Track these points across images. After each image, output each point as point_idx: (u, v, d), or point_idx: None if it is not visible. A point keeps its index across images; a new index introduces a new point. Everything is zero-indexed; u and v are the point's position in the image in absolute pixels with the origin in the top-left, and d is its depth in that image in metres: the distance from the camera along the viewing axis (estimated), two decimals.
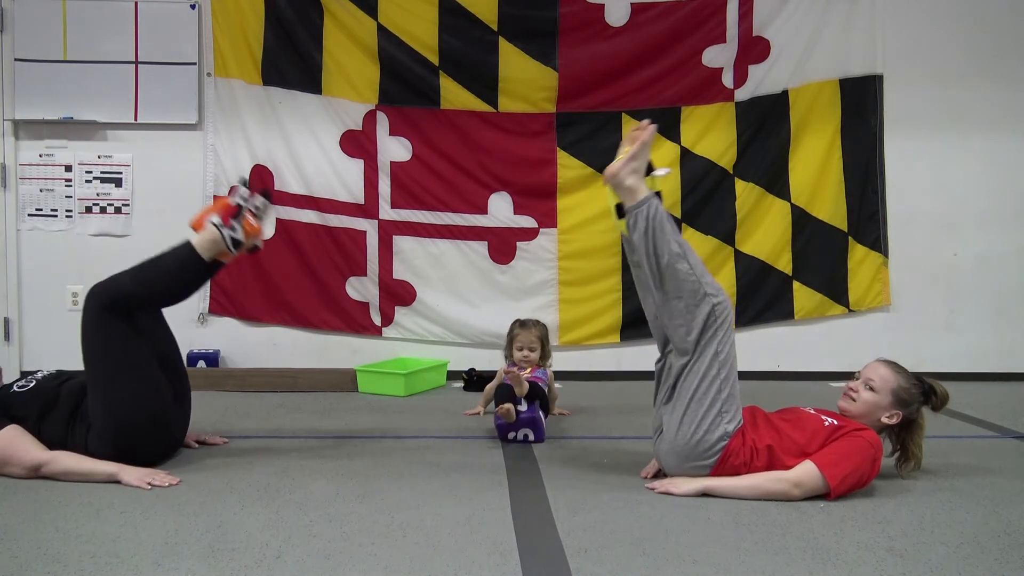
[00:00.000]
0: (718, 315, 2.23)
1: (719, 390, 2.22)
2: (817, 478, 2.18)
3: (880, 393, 2.35)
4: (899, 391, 2.35)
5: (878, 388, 2.36)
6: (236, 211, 2.49)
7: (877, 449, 2.25)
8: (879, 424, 2.35)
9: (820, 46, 4.18)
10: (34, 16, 3.98)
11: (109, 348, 2.41)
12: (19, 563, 1.77)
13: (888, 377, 2.37)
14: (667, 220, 2.27)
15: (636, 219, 2.28)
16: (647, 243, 2.25)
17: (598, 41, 4.12)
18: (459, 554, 1.83)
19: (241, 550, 1.85)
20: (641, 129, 2.35)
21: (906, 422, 2.38)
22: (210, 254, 2.47)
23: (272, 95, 4.10)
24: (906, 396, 2.35)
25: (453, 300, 4.21)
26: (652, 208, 2.26)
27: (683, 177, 4.19)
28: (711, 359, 2.22)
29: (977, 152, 4.27)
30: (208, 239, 2.47)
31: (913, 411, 2.37)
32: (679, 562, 1.80)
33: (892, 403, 2.35)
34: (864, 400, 2.37)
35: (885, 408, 2.35)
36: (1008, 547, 1.90)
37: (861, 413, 2.36)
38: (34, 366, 4.08)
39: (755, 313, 4.25)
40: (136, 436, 2.41)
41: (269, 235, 4.12)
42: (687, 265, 2.23)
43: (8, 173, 4.06)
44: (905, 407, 2.35)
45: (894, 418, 2.35)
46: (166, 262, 2.48)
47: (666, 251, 2.23)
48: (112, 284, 2.46)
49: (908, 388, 2.36)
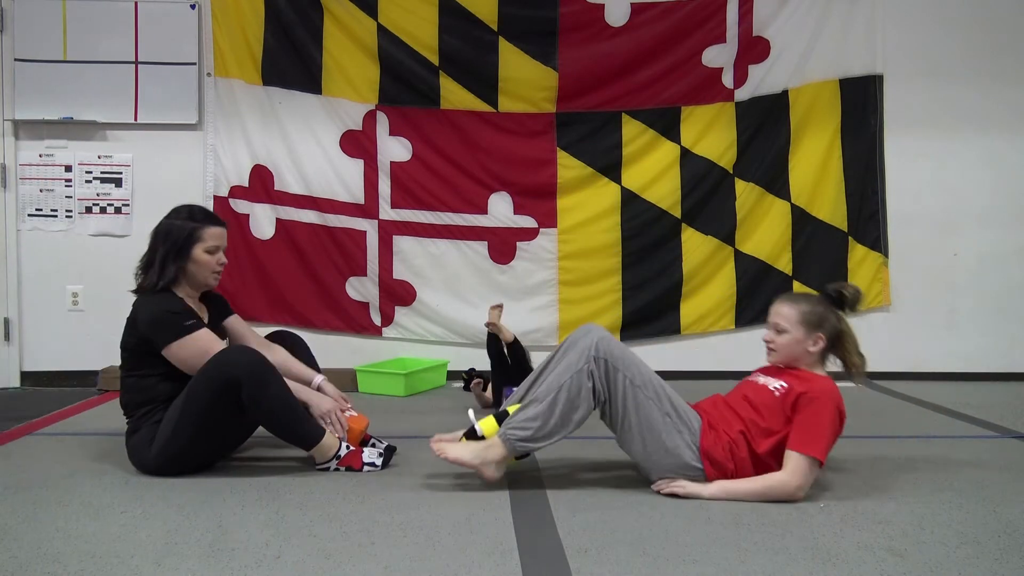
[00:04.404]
0: (599, 368, 2.22)
1: (659, 410, 2.23)
2: (808, 465, 2.17)
3: (791, 330, 2.32)
4: (806, 317, 2.31)
5: (787, 327, 2.32)
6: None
7: (835, 397, 2.23)
8: (811, 356, 2.32)
9: (820, 46, 4.18)
10: (34, 16, 3.98)
11: (207, 409, 2.37)
12: (19, 563, 1.77)
13: (790, 313, 2.33)
14: (538, 417, 2.22)
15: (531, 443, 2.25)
16: (560, 429, 2.24)
17: (598, 41, 4.12)
18: (459, 554, 1.83)
19: (241, 550, 1.85)
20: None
21: (833, 338, 2.34)
22: (319, 454, 2.49)
23: (272, 95, 4.10)
24: (815, 317, 2.31)
25: (453, 300, 4.20)
26: (520, 442, 2.24)
27: (683, 177, 4.19)
28: (626, 397, 2.23)
29: (977, 152, 4.27)
30: (327, 447, 2.49)
31: (832, 326, 2.33)
32: (679, 562, 1.80)
33: (807, 331, 2.31)
34: (781, 344, 2.34)
35: (804, 340, 2.31)
36: (1008, 547, 1.90)
37: (788, 357, 2.34)
38: (34, 366, 4.10)
39: (755, 313, 4.24)
40: (171, 469, 2.43)
41: (269, 236, 4.12)
42: (567, 393, 2.21)
43: (8, 173, 4.06)
44: (821, 326, 2.31)
45: (819, 342, 2.31)
46: (291, 417, 2.43)
47: (573, 418, 2.23)
48: (260, 380, 2.37)
49: (812, 309, 2.32)
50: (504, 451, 2.25)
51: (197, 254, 2.49)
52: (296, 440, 2.47)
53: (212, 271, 2.54)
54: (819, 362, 2.35)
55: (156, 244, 2.51)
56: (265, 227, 4.13)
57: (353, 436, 2.58)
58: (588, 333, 2.30)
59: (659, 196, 4.19)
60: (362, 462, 2.51)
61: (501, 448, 2.25)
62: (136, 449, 2.45)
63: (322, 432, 2.49)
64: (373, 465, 2.51)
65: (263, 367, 2.36)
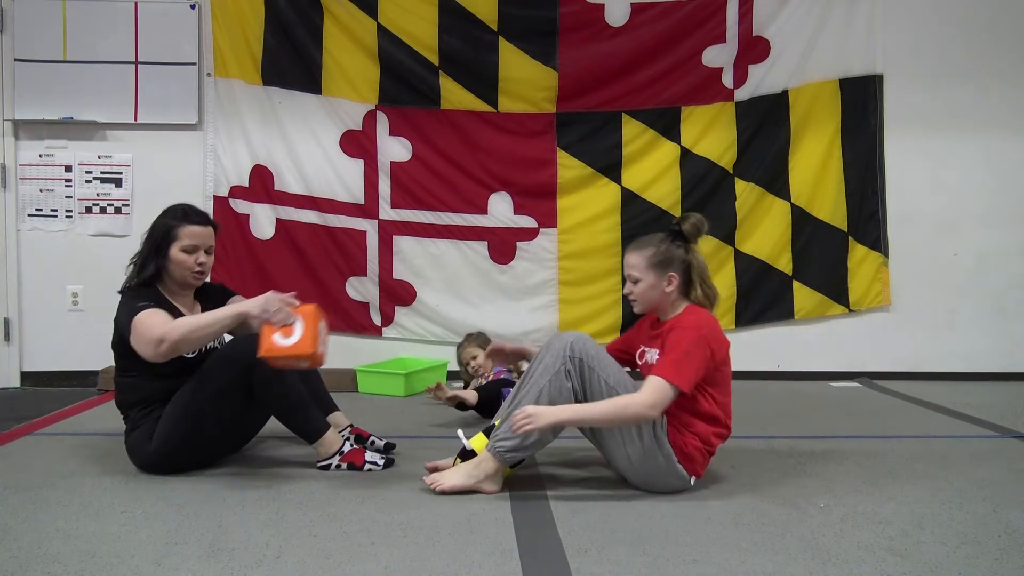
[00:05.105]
0: (575, 367, 2.21)
1: None
2: (665, 388, 2.13)
3: (643, 276, 2.31)
4: (653, 259, 2.30)
5: (638, 274, 2.31)
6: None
7: (700, 326, 2.22)
8: (670, 297, 2.31)
9: (820, 46, 4.18)
10: (34, 16, 3.98)
11: (221, 392, 2.38)
12: (19, 563, 1.77)
13: (637, 261, 2.32)
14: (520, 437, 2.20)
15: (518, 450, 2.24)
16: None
17: (598, 41, 4.12)
18: (459, 554, 1.83)
19: (241, 550, 1.85)
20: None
21: (686, 273, 2.32)
22: (322, 448, 2.49)
23: (272, 95, 4.10)
24: (662, 257, 2.30)
25: (453, 300, 4.20)
26: (509, 453, 2.24)
27: (683, 177, 4.19)
28: (603, 396, 2.21)
29: (977, 151, 4.27)
30: (330, 442, 2.49)
31: (680, 261, 2.31)
32: (679, 562, 1.80)
33: (658, 274, 2.29)
34: (639, 292, 2.33)
35: (657, 283, 2.30)
36: (1008, 547, 1.90)
37: (649, 303, 2.34)
38: (34, 366, 4.10)
39: (755, 313, 4.25)
40: (172, 462, 2.44)
41: (269, 236, 4.12)
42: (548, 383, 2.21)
43: (8, 173, 4.05)
44: (670, 265, 2.30)
45: (673, 281, 2.30)
46: (298, 405, 2.45)
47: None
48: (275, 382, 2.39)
49: (657, 249, 2.31)
50: (496, 464, 2.25)
51: (173, 253, 2.46)
52: (302, 430, 2.47)
53: (191, 271, 2.48)
54: (682, 299, 2.33)
55: (143, 242, 2.52)
56: (265, 227, 4.13)
57: (307, 313, 2.30)
58: (561, 336, 2.30)
59: (659, 196, 4.19)
60: (364, 459, 2.51)
61: (492, 462, 2.25)
62: (135, 447, 2.45)
63: (327, 427, 2.49)
64: (375, 464, 2.52)
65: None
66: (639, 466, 2.25)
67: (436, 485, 2.27)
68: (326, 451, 2.49)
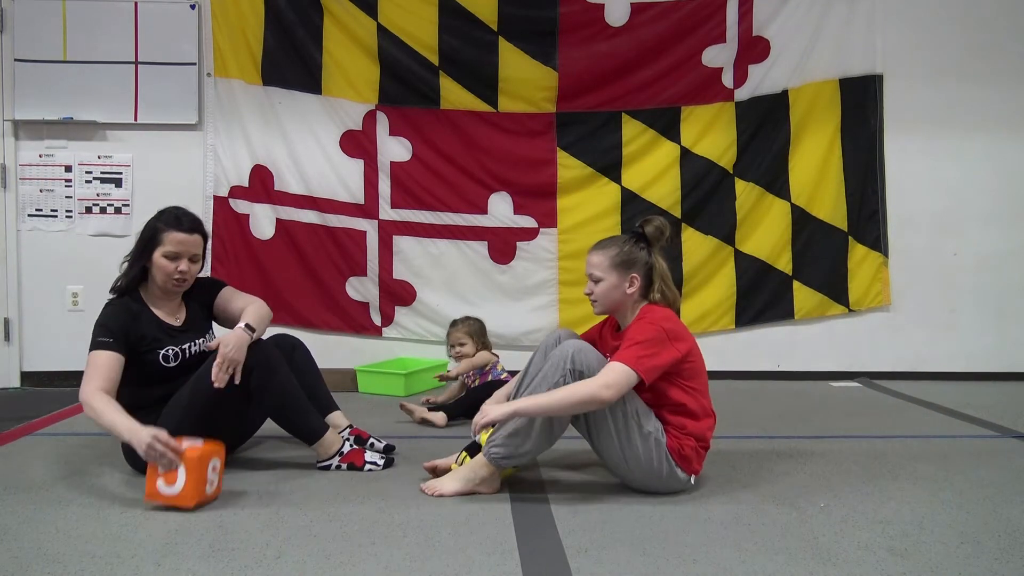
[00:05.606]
0: (575, 380, 2.17)
1: (636, 423, 2.19)
2: (623, 371, 2.11)
3: (605, 276, 2.29)
4: (615, 260, 2.28)
5: (600, 274, 2.29)
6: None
7: (660, 320, 2.20)
8: (631, 299, 2.30)
9: (820, 46, 4.18)
10: (34, 16, 3.98)
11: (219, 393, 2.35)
12: (19, 563, 1.77)
13: (600, 260, 2.30)
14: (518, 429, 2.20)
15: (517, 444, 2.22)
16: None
17: (598, 41, 4.12)
18: (459, 554, 1.83)
19: (241, 550, 1.85)
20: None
21: (647, 276, 2.30)
22: (322, 449, 2.49)
23: (272, 95, 4.10)
24: (625, 258, 2.28)
25: (453, 300, 4.20)
26: (503, 460, 2.23)
27: (683, 177, 4.19)
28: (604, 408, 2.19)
29: (977, 151, 4.27)
30: (330, 443, 2.49)
31: (642, 263, 2.29)
32: (679, 562, 1.80)
33: (620, 275, 2.27)
34: (600, 292, 2.30)
35: (619, 283, 2.28)
36: (1008, 547, 1.90)
37: (609, 304, 2.32)
38: (34, 366, 4.10)
39: (755, 313, 4.25)
40: None
41: (269, 236, 4.12)
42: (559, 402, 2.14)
43: (8, 173, 4.05)
44: (632, 266, 2.28)
45: (634, 283, 2.28)
46: (296, 408, 2.45)
47: (553, 432, 2.22)
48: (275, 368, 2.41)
49: (620, 250, 2.29)
50: (491, 468, 2.25)
51: (156, 257, 2.42)
52: (300, 432, 2.47)
53: (171, 277, 2.42)
54: (642, 302, 2.31)
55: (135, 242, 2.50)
56: (265, 227, 4.13)
57: (192, 460, 2.10)
58: (562, 345, 2.25)
59: (659, 196, 4.19)
60: (364, 460, 2.51)
61: (487, 467, 2.25)
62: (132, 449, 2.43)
63: (325, 428, 2.49)
64: (375, 464, 2.52)
65: (275, 358, 2.41)
66: (637, 471, 2.24)
67: (434, 492, 2.26)
68: (326, 451, 2.49)
